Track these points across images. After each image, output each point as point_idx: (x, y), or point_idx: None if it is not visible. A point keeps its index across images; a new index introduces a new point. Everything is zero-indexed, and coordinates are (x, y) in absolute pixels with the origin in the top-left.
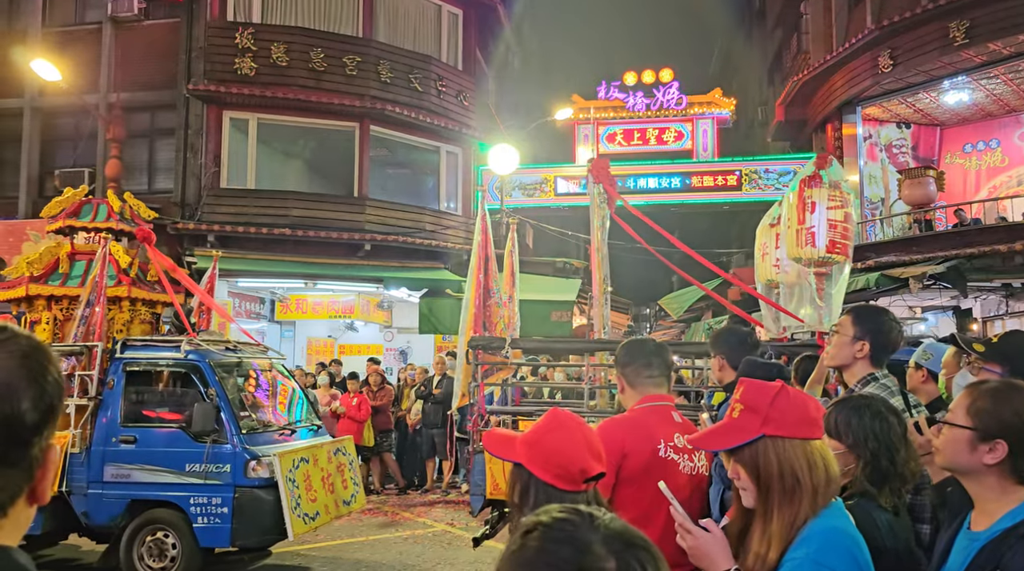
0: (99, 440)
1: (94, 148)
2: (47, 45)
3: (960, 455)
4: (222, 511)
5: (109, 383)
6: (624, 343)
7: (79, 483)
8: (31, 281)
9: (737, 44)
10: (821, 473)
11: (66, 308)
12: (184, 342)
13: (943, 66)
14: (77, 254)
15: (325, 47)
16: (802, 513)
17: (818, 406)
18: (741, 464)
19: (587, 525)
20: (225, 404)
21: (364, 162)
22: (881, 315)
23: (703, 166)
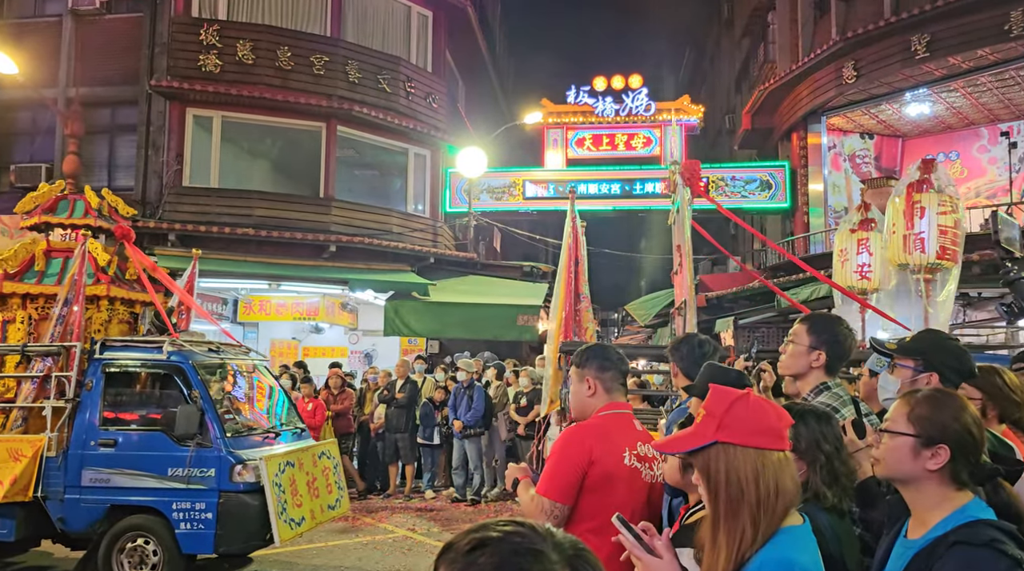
0: (77, 443)
1: (52, 144)
2: (3, 37)
3: (902, 463)
4: (206, 517)
5: (87, 385)
6: (594, 347)
7: (55, 488)
8: (6, 278)
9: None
10: (768, 486)
11: (41, 307)
12: (166, 343)
13: (905, 78)
14: (53, 251)
15: (292, 46)
16: (748, 531)
17: (781, 416)
18: (697, 469)
19: (538, 535)
20: (209, 406)
21: (331, 162)
22: (836, 324)
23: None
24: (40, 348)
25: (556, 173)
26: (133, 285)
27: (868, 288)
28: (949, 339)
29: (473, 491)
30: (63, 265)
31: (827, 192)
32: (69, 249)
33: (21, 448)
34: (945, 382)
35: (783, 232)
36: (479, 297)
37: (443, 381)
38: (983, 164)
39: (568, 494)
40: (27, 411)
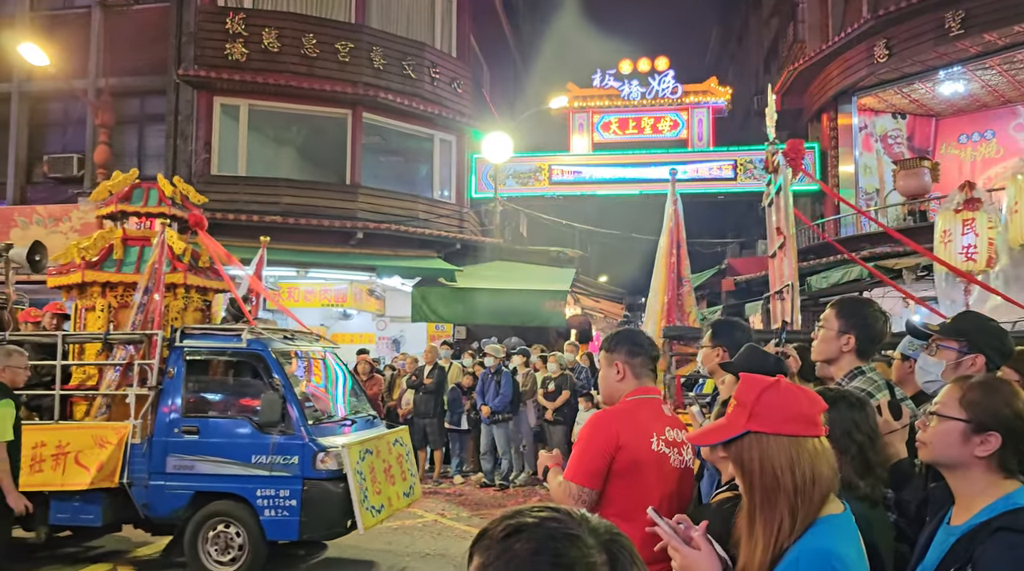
0: (161, 431)
1: (83, 134)
2: (35, 29)
3: (951, 447)
4: (290, 504)
5: (169, 373)
6: (624, 331)
7: (140, 474)
8: (87, 267)
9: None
10: (803, 474)
11: (120, 295)
12: (245, 331)
13: (938, 56)
14: (129, 240)
15: (317, 33)
16: (786, 521)
17: (814, 402)
18: (731, 460)
19: (573, 520)
20: (290, 394)
21: (356, 149)
22: (865, 307)
23: (698, 155)
24: (122, 336)
25: (586, 157)
26: (208, 273)
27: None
28: (990, 320)
29: (501, 476)
30: (140, 254)
31: (858, 174)
32: (145, 237)
33: (106, 435)
34: (989, 363)
35: (813, 214)
36: (506, 283)
37: (471, 367)
38: (1020, 143)
39: (595, 479)
40: (110, 399)
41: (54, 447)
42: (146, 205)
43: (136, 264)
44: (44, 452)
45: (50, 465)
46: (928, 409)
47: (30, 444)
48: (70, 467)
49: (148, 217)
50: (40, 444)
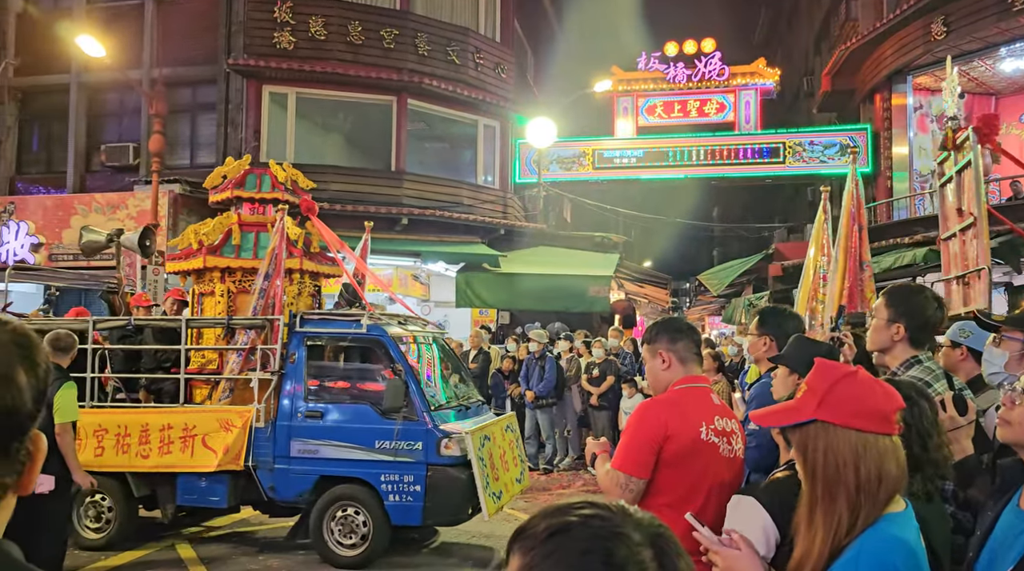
0: (284, 415)
1: (138, 123)
2: (91, 21)
3: None
4: (414, 489)
5: (291, 357)
6: (663, 320)
7: (265, 458)
8: (208, 253)
9: (783, 12)
10: (868, 471)
11: (239, 280)
12: (365, 317)
13: (1000, 32)
14: (244, 225)
15: (363, 20)
16: (845, 516)
17: (891, 398)
18: (794, 446)
19: (617, 516)
20: (412, 380)
21: (401, 136)
22: (915, 295)
23: (745, 138)
24: (245, 321)
25: (630, 141)
26: (319, 259)
27: None
28: None
29: (545, 460)
30: (255, 239)
31: (912, 155)
32: (259, 223)
33: (231, 418)
34: None
35: (865, 198)
36: (550, 268)
37: (514, 351)
38: None
39: (643, 468)
40: (233, 383)
41: (181, 430)
42: (260, 191)
43: (253, 249)
44: (172, 434)
45: (178, 447)
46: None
47: (157, 427)
48: (198, 449)
49: (261, 203)
50: (167, 427)
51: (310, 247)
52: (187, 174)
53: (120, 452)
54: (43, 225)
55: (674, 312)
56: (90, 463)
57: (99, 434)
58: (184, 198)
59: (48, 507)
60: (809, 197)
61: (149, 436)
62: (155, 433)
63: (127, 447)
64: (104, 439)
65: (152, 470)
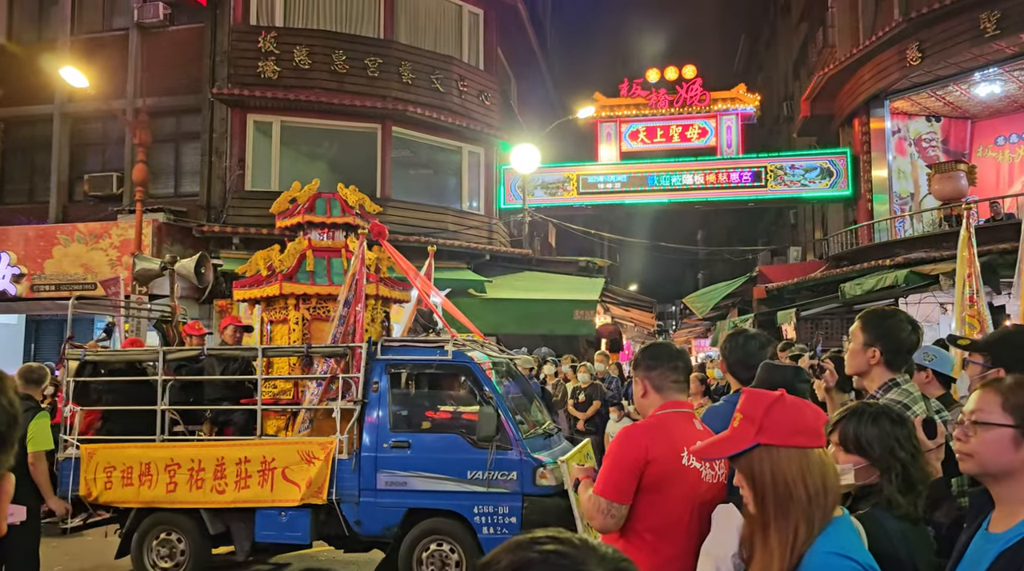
0: (369, 446)
1: (122, 153)
2: (75, 52)
3: (1002, 455)
4: (510, 521)
5: (373, 386)
6: (647, 346)
7: (349, 491)
8: (284, 280)
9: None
10: (815, 483)
11: (313, 307)
12: (449, 343)
13: (974, 58)
14: (317, 251)
15: (347, 49)
16: (801, 529)
17: (817, 414)
18: (740, 473)
19: (584, 553)
20: (503, 407)
21: (386, 163)
22: (888, 319)
23: (727, 163)
24: (325, 349)
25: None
26: (391, 284)
27: None
28: (1019, 333)
29: None
30: (328, 265)
31: (892, 178)
32: (331, 249)
33: (312, 450)
34: None
35: (845, 221)
36: (535, 293)
37: None
38: None
39: (625, 493)
40: (312, 413)
41: (259, 463)
42: (330, 215)
43: (327, 275)
44: (250, 468)
45: (256, 481)
46: (958, 419)
47: (234, 460)
48: (278, 483)
49: (331, 228)
50: (244, 460)
51: (379, 272)
52: (171, 203)
53: (194, 487)
54: (24, 255)
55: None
56: (161, 499)
57: (171, 469)
58: (168, 227)
59: (16, 539)
60: (792, 220)
61: (225, 470)
62: (231, 467)
63: (201, 482)
64: (176, 474)
65: (229, 505)
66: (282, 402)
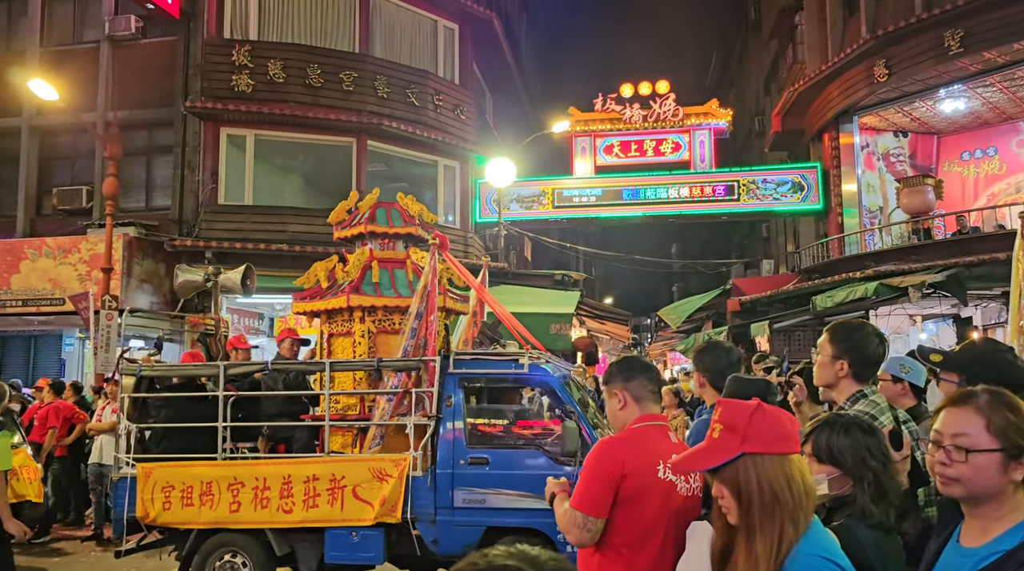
0: (444, 462)
1: (92, 166)
2: (45, 65)
3: (991, 479)
4: None
5: (447, 400)
6: (620, 359)
7: (425, 509)
8: (352, 291)
9: (733, 55)
10: (799, 487)
11: (379, 320)
12: (525, 356)
13: (938, 75)
14: (380, 262)
15: (322, 63)
16: (786, 533)
17: (792, 421)
18: (723, 483)
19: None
20: (584, 421)
21: (361, 177)
22: (856, 332)
23: (700, 177)
24: (397, 363)
25: (589, 180)
26: (454, 296)
27: None
28: (996, 352)
29: None
30: (391, 276)
31: (861, 192)
32: (393, 260)
33: (385, 468)
34: None
35: (817, 234)
36: (511, 306)
37: None
38: (1023, 159)
39: (601, 507)
40: (383, 429)
41: (328, 481)
42: (392, 225)
43: (392, 286)
44: (318, 486)
45: (326, 500)
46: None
47: (301, 478)
48: (349, 502)
49: (393, 238)
50: (312, 478)
51: (441, 283)
52: (142, 217)
53: (259, 507)
54: None
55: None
56: (225, 520)
57: (234, 488)
58: (139, 241)
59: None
60: (764, 233)
61: (292, 488)
62: (298, 485)
63: (267, 501)
64: (240, 493)
65: (297, 525)
66: (349, 418)
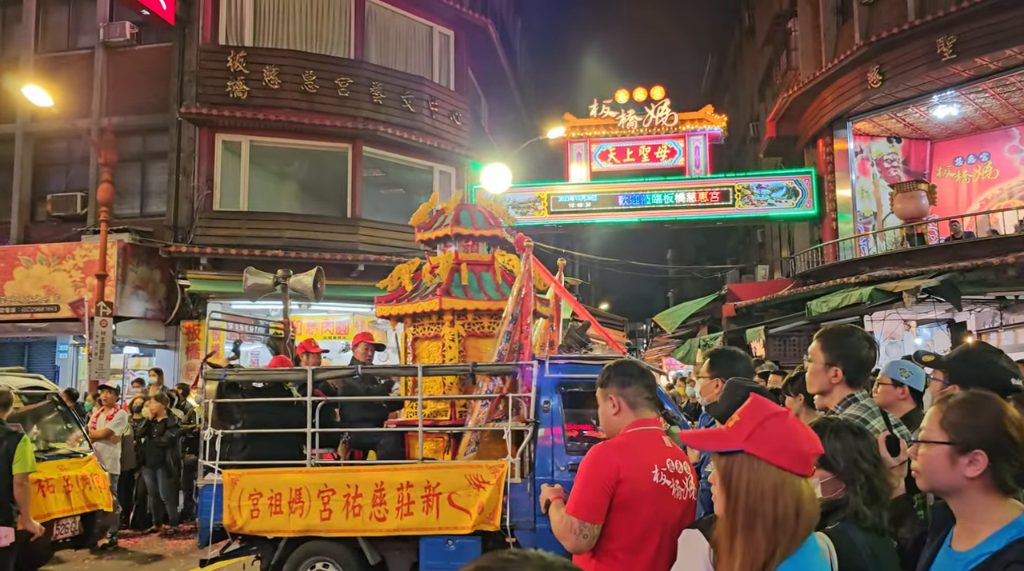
0: (543, 468)
1: (86, 172)
2: (39, 71)
3: (940, 472)
4: None
5: (544, 405)
6: (617, 363)
7: (524, 517)
8: (444, 294)
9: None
10: (786, 507)
11: (469, 323)
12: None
13: (931, 81)
14: (469, 264)
15: (317, 69)
16: (763, 547)
17: (812, 442)
18: (718, 471)
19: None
20: (686, 426)
21: (357, 183)
22: (847, 337)
23: (695, 182)
24: (493, 367)
25: (584, 186)
26: (540, 300)
27: None
28: (980, 353)
29: None
30: (479, 278)
31: (855, 197)
32: (479, 262)
33: (482, 474)
34: None
35: (811, 239)
36: None
37: None
38: (1015, 164)
39: (597, 513)
40: (478, 435)
41: (423, 488)
42: (477, 227)
43: (481, 289)
44: (412, 493)
45: (420, 507)
46: (914, 436)
47: (394, 485)
48: (445, 509)
49: (478, 240)
50: (406, 484)
51: None
52: (137, 223)
53: (351, 515)
54: None
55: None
56: (316, 527)
57: (324, 495)
58: (134, 248)
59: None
60: (759, 239)
61: (385, 496)
62: (391, 492)
63: (359, 509)
64: (331, 500)
65: (391, 534)
66: (442, 424)
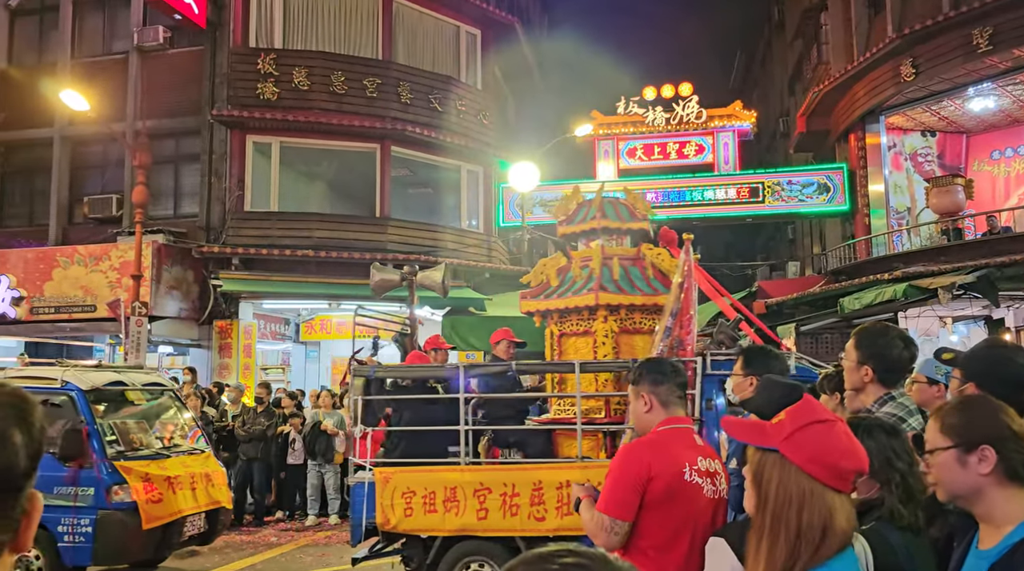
0: None
1: (121, 175)
2: (76, 76)
3: (955, 477)
4: None
5: (707, 404)
6: (649, 361)
7: None
8: (599, 289)
9: (757, 56)
10: (811, 519)
11: (622, 319)
12: (792, 357)
13: (967, 73)
14: (620, 259)
15: (345, 70)
16: (781, 558)
17: (854, 460)
18: (751, 466)
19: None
20: None
21: (385, 183)
22: (881, 337)
23: (725, 179)
24: None
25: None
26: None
27: None
28: (1000, 349)
29: None
30: (627, 273)
31: (888, 193)
32: (627, 256)
33: None
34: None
35: (843, 235)
36: None
37: None
38: None
39: (628, 510)
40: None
41: None
42: (623, 221)
43: (631, 283)
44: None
45: None
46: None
47: (553, 484)
48: None
49: (623, 234)
50: (565, 484)
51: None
52: (170, 225)
53: (508, 514)
54: (24, 278)
55: None
56: (473, 527)
57: (480, 494)
58: (168, 248)
59: None
60: (790, 235)
61: (543, 495)
62: (550, 491)
63: (516, 508)
64: (487, 499)
65: (551, 534)
66: (598, 421)
